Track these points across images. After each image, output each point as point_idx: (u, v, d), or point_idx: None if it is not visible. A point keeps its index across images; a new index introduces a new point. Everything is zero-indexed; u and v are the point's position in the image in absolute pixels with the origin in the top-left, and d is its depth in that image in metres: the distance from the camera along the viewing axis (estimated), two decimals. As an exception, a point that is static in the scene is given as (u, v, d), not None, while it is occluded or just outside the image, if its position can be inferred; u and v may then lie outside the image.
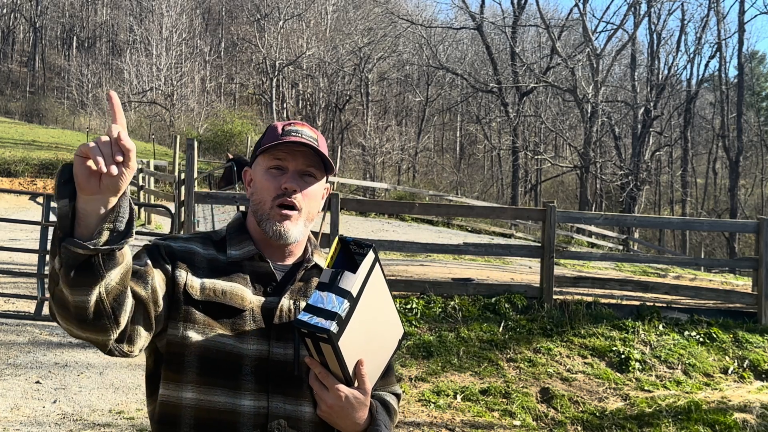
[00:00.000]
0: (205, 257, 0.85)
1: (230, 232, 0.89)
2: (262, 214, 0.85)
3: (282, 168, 0.86)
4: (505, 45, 21.34)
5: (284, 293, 0.85)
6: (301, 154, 0.85)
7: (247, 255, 0.86)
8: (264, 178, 0.86)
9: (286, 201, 0.84)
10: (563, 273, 5.73)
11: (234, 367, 0.80)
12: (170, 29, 25.18)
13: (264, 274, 0.85)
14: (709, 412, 3.55)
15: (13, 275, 4.78)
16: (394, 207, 8.04)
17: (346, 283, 0.76)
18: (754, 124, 24.19)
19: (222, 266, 0.85)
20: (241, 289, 0.83)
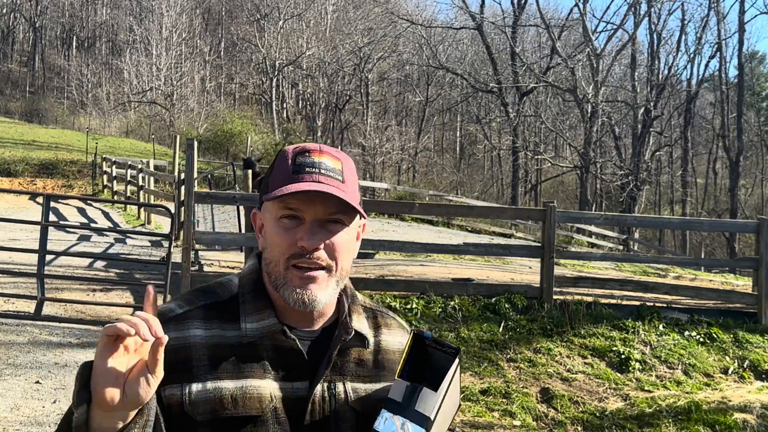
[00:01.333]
0: (207, 345, 0.65)
1: (244, 291, 0.69)
2: (277, 278, 0.66)
3: (297, 217, 0.65)
4: (505, 45, 21.33)
5: (317, 378, 0.66)
6: (320, 198, 0.65)
7: (267, 330, 0.66)
8: (275, 231, 0.66)
9: (305, 262, 0.65)
10: (563, 273, 5.73)
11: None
12: (170, 29, 25.18)
13: (288, 352, 0.66)
14: (709, 412, 3.55)
15: (13, 275, 4.78)
16: (394, 207, 8.04)
17: (425, 406, 0.61)
18: (754, 124, 24.18)
19: (230, 351, 0.65)
20: (257, 387, 0.64)
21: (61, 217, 8.78)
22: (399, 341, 0.73)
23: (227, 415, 0.63)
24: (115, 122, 24.92)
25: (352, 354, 0.69)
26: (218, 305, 0.68)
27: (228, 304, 0.68)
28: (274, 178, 0.67)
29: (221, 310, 0.68)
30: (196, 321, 0.66)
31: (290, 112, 28.24)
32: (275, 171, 0.68)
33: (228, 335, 0.66)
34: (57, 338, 3.82)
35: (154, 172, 11.14)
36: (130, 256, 6.02)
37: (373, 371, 0.70)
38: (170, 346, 0.60)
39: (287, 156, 0.67)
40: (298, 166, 0.66)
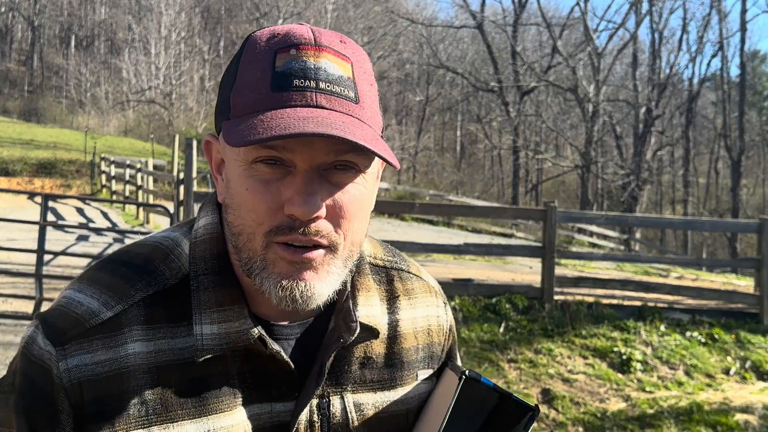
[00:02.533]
0: (151, 369, 0.42)
1: (199, 271, 0.44)
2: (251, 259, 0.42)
3: (282, 162, 0.41)
4: (505, 44, 21.29)
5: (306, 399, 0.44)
6: (325, 141, 0.40)
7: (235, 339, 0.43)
8: (245, 184, 0.41)
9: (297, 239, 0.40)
10: (564, 273, 5.71)
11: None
12: (169, 28, 25.16)
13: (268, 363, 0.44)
14: (710, 413, 3.52)
15: (11, 275, 4.75)
16: (394, 207, 8.00)
17: None
18: (756, 124, 24.14)
19: (186, 374, 0.43)
20: (226, 427, 0.43)
21: (60, 217, 8.76)
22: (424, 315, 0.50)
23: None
24: (114, 121, 24.89)
25: (356, 353, 0.47)
26: (165, 295, 0.43)
27: (177, 291, 0.43)
28: (240, 89, 0.40)
29: (170, 303, 0.43)
30: (135, 328, 0.42)
31: (290, 111, 28.16)
32: (243, 75, 0.41)
33: (179, 347, 0.42)
34: (54, 339, 3.79)
35: (152, 172, 11.11)
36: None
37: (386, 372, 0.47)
38: (96, 374, 0.40)
39: (262, 50, 0.40)
40: (281, 75, 0.39)
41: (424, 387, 0.49)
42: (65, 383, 0.40)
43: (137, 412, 0.41)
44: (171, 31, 25.19)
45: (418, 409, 0.49)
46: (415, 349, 0.49)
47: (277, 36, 0.41)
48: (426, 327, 0.51)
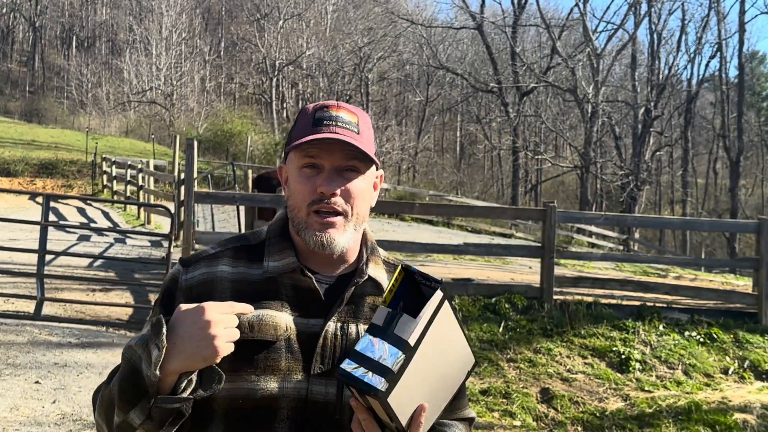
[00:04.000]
0: (231, 280, 0.73)
1: (270, 237, 0.76)
2: (299, 223, 0.72)
3: (317, 166, 0.71)
4: (505, 45, 21.33)
5: (330, 315, 0.71)
6: (338, 146, 0.71)
7: (287, 268, 0.73)
8: (297, 180, 0.72)
9: (324, 207, 0.71)
10: (563, 273, 5.72)
11: (267, 415, 0.69)
12: (170, 29, 25.18)
13: (306, 291, 0.72)
14: (709, 412, 3.54)
15: (13, 275, 4.77)
16: (394, 207, 8.02)
17: (404, 330, 0.63)
18: (754, 124, 24.18)
19: (253, 287, 0.72)
20: (273, 316, 0.71)
21: (61, 217, 8.77)
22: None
23: (243, 338, 0.68)
24: (115, 122, 24.91)
25: (367, 300, 0.74)
26: (247, 248, 0.76)
27: (256, 248, 0.76)
28: (296, 131, 0.74)
29: (250, 252, 0.75)
30: (225, 259, 0.75)
31: (290, 112, 28.24)
32: (297, 125, 0.74)
33: (252, 273, 0.74)
34: (57, 338, 3.81)
35: (153, 172, 11.13)
36: (130, 256, 6.01)
37: None
38: (199, 280, 0.74)
39: (308, 111, 0.75)
40: (317, 119, 0.73)
41: None
42: (183, 286, 0.74)
43: (220, 298, 0.70)
44: (172, 32, 25.21)
45: None
46: None
47: (317, 104, 0.76)
48: None
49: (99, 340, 3.84)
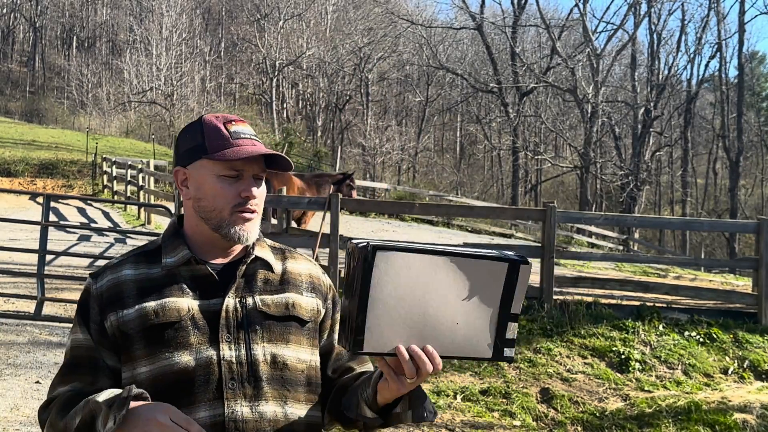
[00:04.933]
0: (135, 281, 0.84)
1: (165, 240, 0.87)
2: (220, 221, 0.83)
3: (236, 176, 0.83)
4: (505, 45, 21.34)
5: (227, 293, 0.82)
6: (255, 159, 0.83)
7: (181, 260, 0.84)
8: (218, 186, 0.83)
9: (247, 208, 0.83)
10: (563, 273, 5.73)
11: (186, 384, 0.79)
12: (170, 29, 25.18)
13: (202, 277, 0.83)
14: (709, 412, 3.55)
15: (13, 275, 4.78)
16: (394, 207, 8.04)
17: None
18: (754, 125, 24.17)
19: (154, 282, 0.83)
20: (173, 301, 0.81)
21: (61, 217, 8.78)
22: (305, 267, 0.90)
23: (151, 323, 0.80)
24: (115, 122, 24.90)
25: (259, 276, 0.86)
26: (147, 253, 0.87)
27: (154, 251, 0.87)
28: (212, 142, 0.83)
29: (149, 255, 0.87)
30: (128, 265, 0.86)
31: (290, 112, 28.24)
32: (210, 137, 0.84)
33: (152, 271, 0.85)
34: (57, 338, 3.82)
35: (154, 172, 11.13)
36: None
37: (279, 287, 0.86)
38: (107, 285, 0.84)
39: (217, 124, 0.85)
40: (233, 133, 0.84)
41: (309, 300, 0.88)
42: (94, 294, 0.85)
43: (126, 300, 0.83)
44: (172, 32, 25.22)
45: (300, 305, 0.86)
46: (300, 280, 0.88)
47: (219, 117, 0.87)
48: (307, 272, 0.90)
49: (99, 340, 3.83)
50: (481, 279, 0.74)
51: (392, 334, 0.73)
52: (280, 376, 0.81)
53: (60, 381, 0.83)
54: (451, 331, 0.74)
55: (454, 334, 0.75)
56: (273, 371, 0.81)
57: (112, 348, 0.82)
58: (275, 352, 0.82)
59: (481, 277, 0.74)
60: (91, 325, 0.83)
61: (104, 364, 0.82)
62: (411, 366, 0.72)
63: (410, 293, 0.72)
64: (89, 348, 0.83)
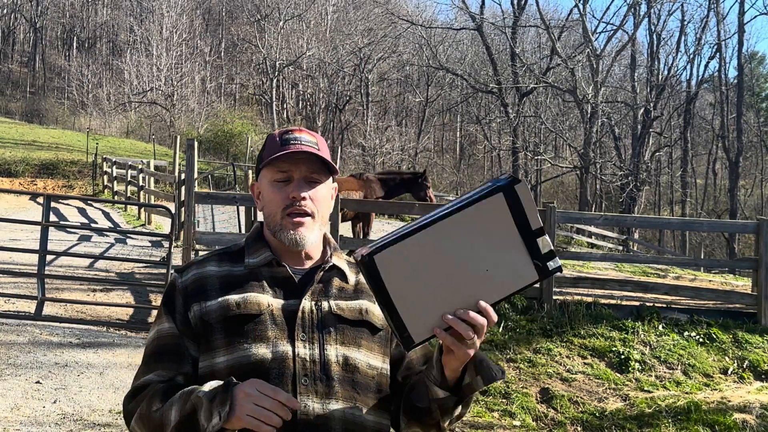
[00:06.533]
0: (218, 276, 0.88)
1: (248, 242, 0.92)
2: (275, 226, 0.88)
3: (287, 178, 0.88)
4: (505, 45, 21.34)
5: (304, 295, 0.86)
6: (303, 161, 0.87)
7: (263, 261, 0.89)
8: (271, 191, 0.88)
9: (296, 209, 0.86)
10: (563, 273, 5.70)
11: (262, 376, 0.82)
12: (170, 29, 25.20)
13: (282, 279, 0.88)
14: (708, 412, 3.55)
15: (14, 275, 4.78)
16: (394, 207, 8.03)
17: None
18: (753, 125, 24.17)
19: (237, 278, 0.88)
20: (255, 296, 0.86)
21: (62, 218, 8.78)
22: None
23: (232, 314, 0.84)
24: (116, 122, 24.91)
25: (335, 283, 0.90)
26: (229, 253, 0.92)
27: (237, 252, 0.92)
28: (266, 153, 0.89)
29: (232, 255, 0.92)
30: (212, 262, 0.91)
31: (290, 112, 28.26)
32: (266, 149, 0.90)
33: (235, 269, 0.89)
34: (57, 338, 3.82)
35: (154, 173, 11.13)
36: (131, 256, 6.01)
37: (353, 294, 0.90)
38: (192, 279, 0.89)
39: (275, 136, 0.90)
40: (284, 141, 0.88)
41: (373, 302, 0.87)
42: (179, 287, 0.90)
43: (210, 292, 0.88)
44: (172, 32, 25.23)
45: (374, 313, 0.89)
46: (369, 293, 0.88)
47: (281, 129, 0.92)
48: None
49: (100, 341, 3.85)
50: (486, 219, 0.73)
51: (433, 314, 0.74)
52: (351, 378, 0.84)
53: (145, 370, 0.87)
54: (486, 280, 0.74)
55: (491, 281, 0.74)
56: (344, 373, 0.84)
57: (193, 338, 0.86)
58: (347, 354, 0.85)
59: (484, 218, 0.73)
60: (176, 316, 0.87)
61: (188, 352, 0.86)
62: (464, 326, 0.74)
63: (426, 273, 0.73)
64: (174, 336, 0.86)
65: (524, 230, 0.74)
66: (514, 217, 0.74)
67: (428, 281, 0.73)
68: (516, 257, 0.75)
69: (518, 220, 0.74)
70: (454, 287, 0.74)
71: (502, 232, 0.74)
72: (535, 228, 0.74)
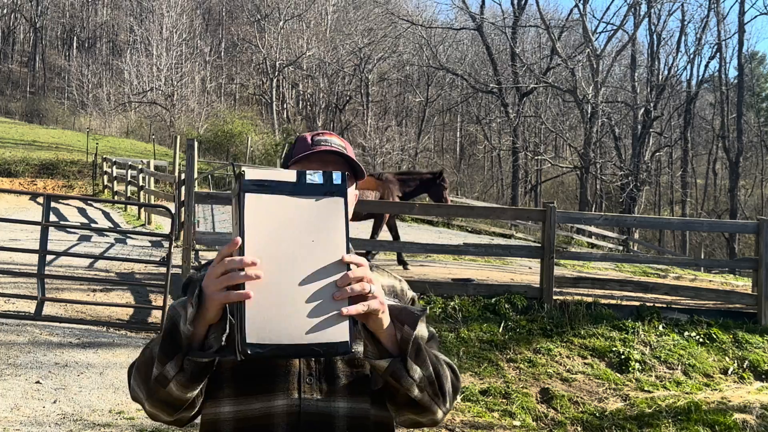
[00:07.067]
0: None
1: None
2: None
3: None
4: (505, 45, 21.34)
5: None
6: (332, 162, 0.89)
7: None
8: None
9: None
10: (563, 273, 5.73)
11: (269, 373, 0.83)
12: (170, 29, 25.20)
13: None
14: (708, 412, 3.55)
15: (14, 275, 4.78)
16: (394, 207, 8.01)
17: None
18: (753, 125, 24.17)
19: None
20: None
21: (62, 218, 8.78)
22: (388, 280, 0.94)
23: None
24: (116, 122, 24.91)
25: None
26: None
27: None
28: (296, 151, 0.92)
29: None
30: None
31: (290, 112, 28.27)
32: (297, 147, 0.93)
33: None
34: (57, 338, 3.82)
35: (154, 173, 11.13)
36: (131, 256, 6.02)
37: None
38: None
39: (306, 137, 0.93)
40: (315, 141, 0.92)
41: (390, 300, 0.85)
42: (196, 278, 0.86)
43: None
44: (172, 32, 25.24)
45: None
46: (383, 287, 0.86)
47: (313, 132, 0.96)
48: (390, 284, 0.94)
49: (99, 341, 3.85)
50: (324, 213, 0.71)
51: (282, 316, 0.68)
52: (355, 375, 0.85)
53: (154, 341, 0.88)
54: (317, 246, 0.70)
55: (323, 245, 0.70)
56: (350, 369, 0.85)
57: None
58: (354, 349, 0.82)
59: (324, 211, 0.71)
60: None
61: None
62: (354, 287, 0.71)
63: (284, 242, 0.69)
64: None
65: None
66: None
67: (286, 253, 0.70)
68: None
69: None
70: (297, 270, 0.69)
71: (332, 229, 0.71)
72: None
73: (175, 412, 0.82)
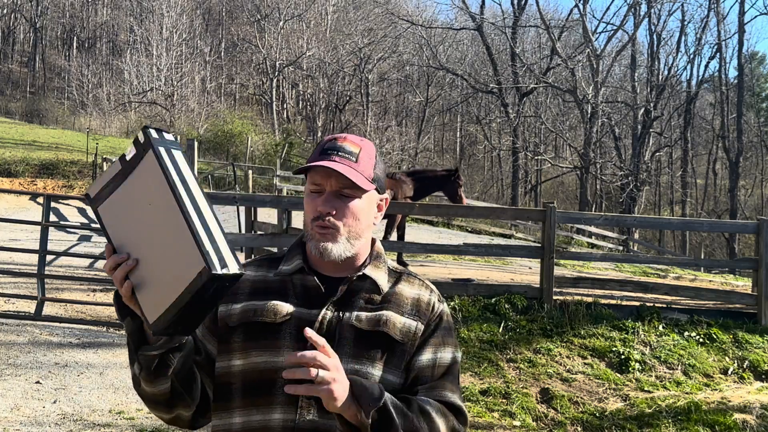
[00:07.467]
0: (251, 281, 0.90)
1: (290, 247, 0.94)
2: (307, 234, 0.89)
3: (319, 190, 0.87)
4: (505, 46, 21.35)
5: (326, 305, 0.86)
6: (335, 175, 0.86)
7: (294, 269, 0.90)
8: (306, 200, 0.89)
9: (321, 223, 0.86)
10: (563, 273, 5.73)
11: (268, 385, 0.83)
12: (170, 29, 25.21)
13: (310, 287, 0.88)
14: (708, 412, 3.55)
15: (14, 275, 4.78)
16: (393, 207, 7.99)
17: None
18: (753, 125, 24.18)
19: (267, 285, 0.89)
20: (275, 304, 0.87)
21: (62, 218, 8.78)
22: (416, 291, 0.91)
23: (250, 320, 0.87)
24: (116, 123, 24.92)
25: (364, 293, 0.88)
26: (271, 259, 0.94)
27: (278, 259, 0.94)
28: (310, 157, 0.89)
29: (273, 261, 0.94)
30: (252, 267, 0.93)
31: (290, 112, 28.28)
32: (313, 152, 0.90)
33: (269, 275, 0.91)
34: (57, 338, 3.82)
35: (154, 173, 11.07)
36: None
37: (379, 305, 0.88)
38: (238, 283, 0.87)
39: (322, 144, 0.90)
40: (324, 150, 0.88)
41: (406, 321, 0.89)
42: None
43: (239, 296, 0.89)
44: (172, 32, 25.24)
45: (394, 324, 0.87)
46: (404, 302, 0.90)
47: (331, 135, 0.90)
48: (416, 296, 0.91)
49: (99, 341, 3.85)
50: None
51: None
52: None
53: None
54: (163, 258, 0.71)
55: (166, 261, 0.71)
56: None
57: (215, 334, 0.89)
58: (358, 368, 0.83)
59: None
60: None
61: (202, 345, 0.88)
62: (299, 372, 0.73)
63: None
64: None
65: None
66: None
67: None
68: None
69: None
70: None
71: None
72: None
73: (166, 409, 0.84)
